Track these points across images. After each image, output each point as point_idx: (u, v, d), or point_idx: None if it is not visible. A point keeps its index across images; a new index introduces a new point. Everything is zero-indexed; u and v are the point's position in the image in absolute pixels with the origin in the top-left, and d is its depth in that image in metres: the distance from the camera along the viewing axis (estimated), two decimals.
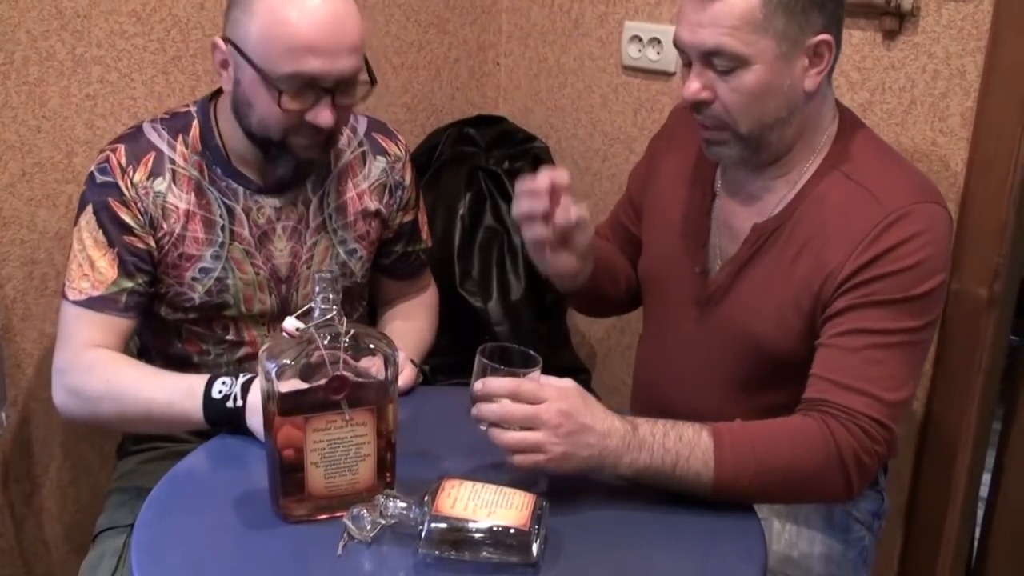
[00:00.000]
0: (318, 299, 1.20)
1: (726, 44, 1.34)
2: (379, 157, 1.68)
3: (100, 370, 1.50)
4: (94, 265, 1.52)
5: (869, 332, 1.35)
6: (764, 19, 1.33)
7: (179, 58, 1.87)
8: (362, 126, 1.69)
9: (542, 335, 2.25)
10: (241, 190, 1.57)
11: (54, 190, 1.77)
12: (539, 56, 2.42)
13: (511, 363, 1.31)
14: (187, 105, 1.61)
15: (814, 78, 1.39)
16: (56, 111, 1.76)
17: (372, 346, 1.23)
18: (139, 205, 1.52)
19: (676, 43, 1.41)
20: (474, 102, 2.46)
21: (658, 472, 1.28)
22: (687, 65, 1.41)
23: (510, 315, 2.16)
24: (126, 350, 1.58)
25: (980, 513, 2.10)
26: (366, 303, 1.78)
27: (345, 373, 1.20)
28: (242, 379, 1.43)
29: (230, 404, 1.42)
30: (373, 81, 1.52)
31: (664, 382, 1.61)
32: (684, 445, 1.28)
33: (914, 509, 2.00)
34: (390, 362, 1.23)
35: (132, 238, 1.53)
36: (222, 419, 1.43)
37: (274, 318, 1.62)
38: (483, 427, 1.28)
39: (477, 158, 2.30)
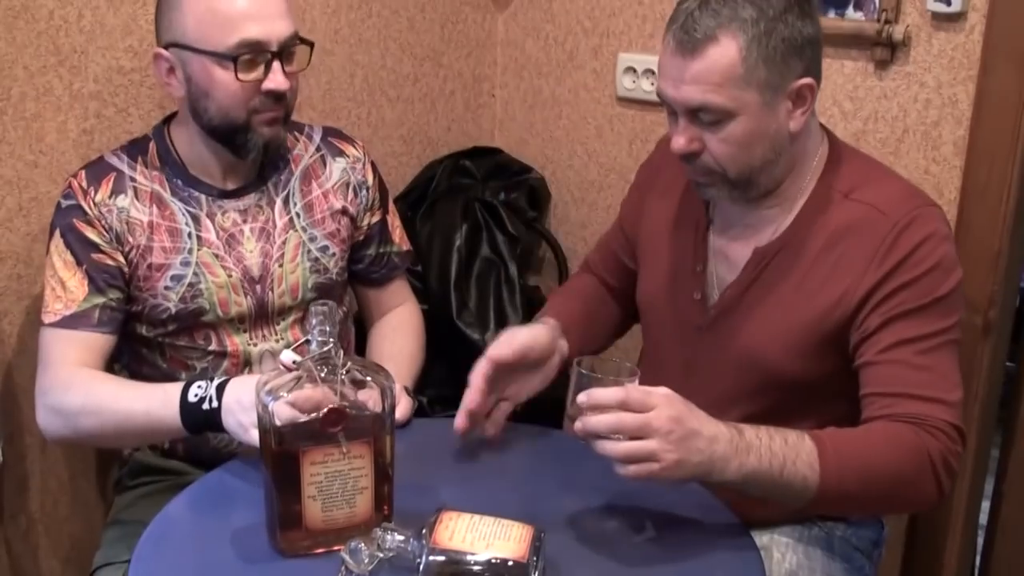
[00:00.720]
0: (315, 332, 1.20)
1: (711, 101, 1.35)
2: (338, 159, 1.73)
3: (79, 386, 1.52)
4: (65, 286, 1.55)
5: (910, 341, 1.36)
6: (746, 72, 1.34)
7: None
8: (317, 133, 1.75)
9: None
10: (203, 197, 1.62)
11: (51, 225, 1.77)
12: (534, 88, 2.43)
13: (607, 374, 1.28)
14: (143, 134, 1.68)
15: (799, 119, 1.40)
16: (53, 146, 1.77)
17: (369, 378, 1.22)
18: (103, 222, 1.56)
19: (659, 95, 1.42)
20: (470, 134, 2.47)
21: (765, 476, 1.26)
22: (671, 114, 1.43)
23: None
24: (108, 369, 1.60)
25: (980, 540, 2.09)
26: (345, 309, 1.79)
27: (342, 406, 1.20)
28: (217, 381, 1.44)
29: (206, 406, 1.42)
30: (310, 43, 1.60)
31: None
32: (790, 448, 1.27)
33: (913, 536, 1.99)
34: (387, 394, 1.23)
35: (100, 255, 1.56)
36: (200, 422, 1.43)
37: (253, 322, 1.64)
38: (583, 441, 1.24)
39: (473, 189, 2.31)
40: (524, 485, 1.42)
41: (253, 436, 1.31)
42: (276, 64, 1.52)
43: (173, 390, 1.46)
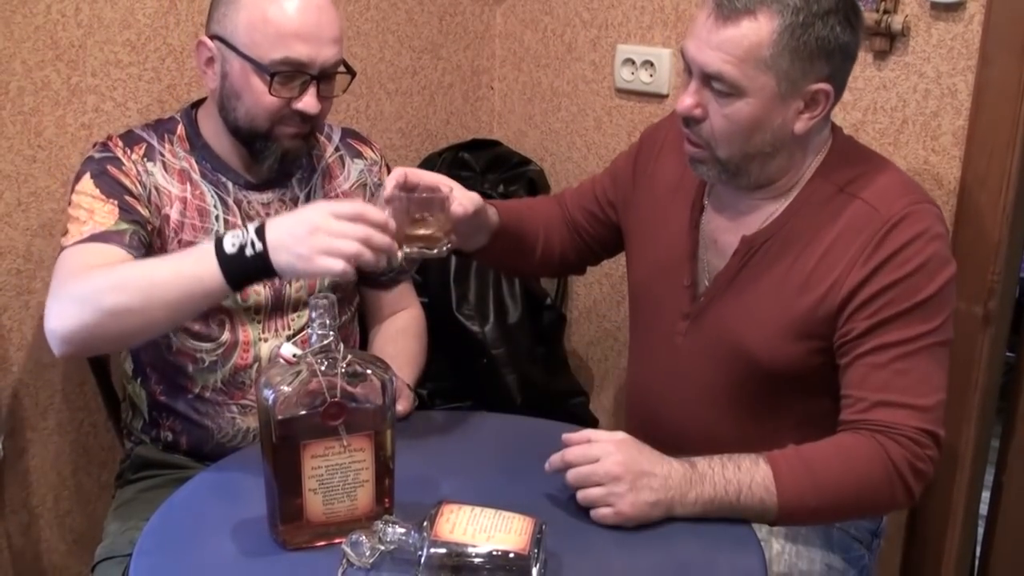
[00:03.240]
0: (315, 325, 1.20)
1: (727, 72, 1.35)
2: (356, 160, 1.75)
3: (101, 270, 1.42)
4: (94, 213, 1.49)
5: (891, 346, 1.37)
6: (770, 57, 1.33)
7: (174, 87, 1.88)
8: (336, 134, 1.76)
9: (539, 358, 2.25)
10: (230, 184, 1.62)
11: (50, 219, 1.77)
12: (533, 80, 2.43)
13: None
14: (170, 115, 1.68)
15: (805, 122, 1.40)
16: (52, 140, 1.77)
17: (369, 371, 1.23)
18: (139, 177, 1.56)
19: (682, 52, 1.42)
20: (469, 126, 2.47)
21: (723, 503, 1.31)
22: (688, 72, 1.42)
23: (507, 338, 2.16)
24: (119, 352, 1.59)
25: (980, 531, 2.10)
26: (354, 309, 1.79)
27: (342, 399, 1.20)
28: (252, 226, 1.35)
29: (249, 251, 1.32)
30: (352, 72, 1.59)
31: (653, 395, 1.61)
32: (744, 474, 1.31)
33: (914, 528, 2.00)
34: (387, 387, 1.23)
35: (132, 199, 1.53)
36: (246, 271, 1.33)
37: (268, 313, 1.64)
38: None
39: (472, 182, 2.31)
40: (525, 477, 1.42)
41: (323, 264, 1.27)
42: (312, 87, 1.52)
43: (205, 247, 1.37)
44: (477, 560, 1.16)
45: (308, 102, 1.52)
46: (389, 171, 1.77)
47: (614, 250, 1.76)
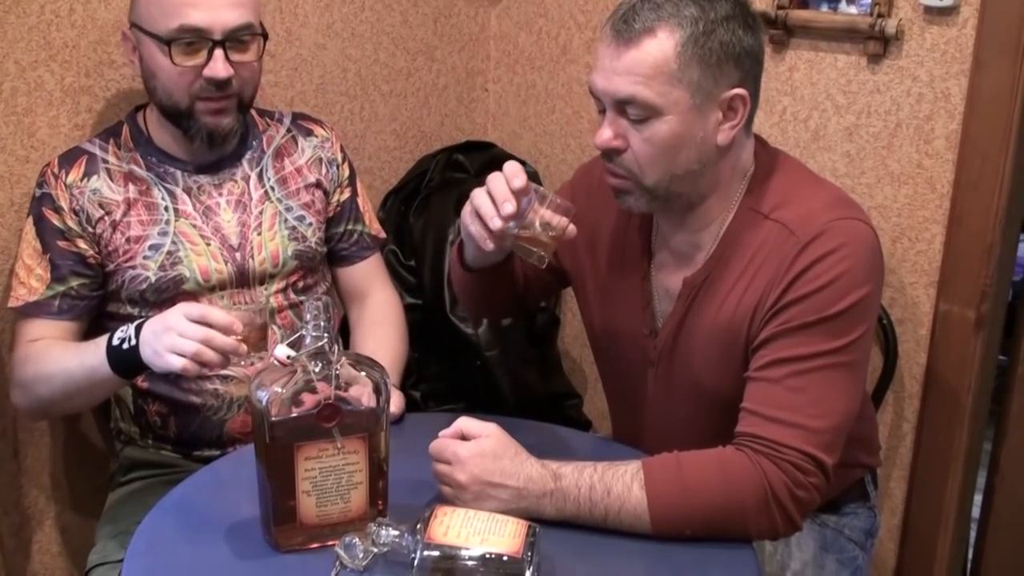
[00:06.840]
0: (309, 327, 1.20)
1: (640, 93, 1.32)
2: (309, 138, 1.80)
3: (32, 357, 1.60)
4: (31, 272, 1.62)
5: (788, 361, 1.33)
6: (679, 69, 1.31)
7: None
8: (288, 118, 1.82)
9: (533, 361, 2.25)
10: (179, 173, 1.67)
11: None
12: (527, 82, 2.43)
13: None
14: (117, 120, 1.74)
15: (727, 132, 1.37)
16: (45, 141, 1.76)
17: (363, 374, 1.23)
18: (74, 204, 1.61)
19: (591, 89, 1.39)
20: (463, 128, 2.47)
21: (588, 522, 1.29)
22: (601, 112, 1.39)
23: (501, 341, 2.16)
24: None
25: (972, 534, 2.10)
26: (328, 285, 1.83)
27: (336, 402, 1.20)
28: (137, 322, 1.47)
29: (126, 346, 1.46)
30: (264, 35, 1.64)
31: (636, 438, 1.60)
32: (613, 500, 1.27)
33: (907, 530, 2.00)
34: (381, 389, 1.23)
35: (65, 243, 1.61)
36: (124, 363, 1.47)
37: (234, 289, 1.67)
38: None
39: (467, 184, 2.30)
40: None
41: (168, 361, 1.38)
42: (218, 52, 1.55)
43: (103, 339, 1.50)
44: (470, 563, 1.16)
45: (213, 67, 1.55)
46: (342, 149, 1.84)
47: (559, 286, 1.72)
